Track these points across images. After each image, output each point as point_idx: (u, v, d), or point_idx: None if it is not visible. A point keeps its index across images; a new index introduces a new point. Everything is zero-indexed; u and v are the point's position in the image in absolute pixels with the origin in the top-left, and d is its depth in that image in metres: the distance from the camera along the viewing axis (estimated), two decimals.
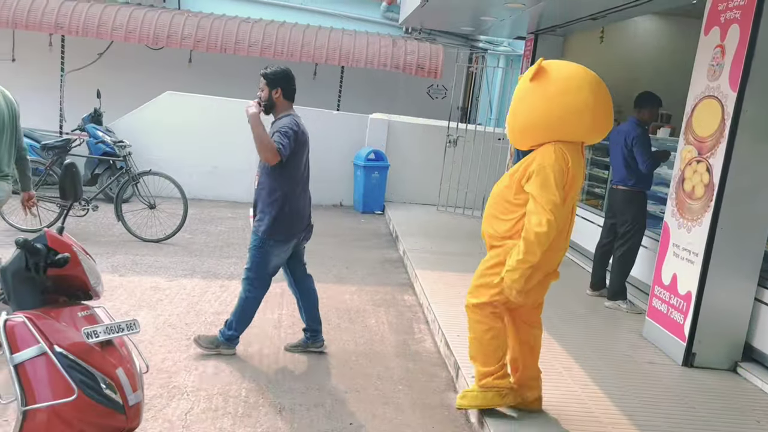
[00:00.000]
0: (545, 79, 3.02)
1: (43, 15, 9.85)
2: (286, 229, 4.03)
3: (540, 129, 3.03)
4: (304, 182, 4.15)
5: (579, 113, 2.94)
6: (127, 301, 5.01)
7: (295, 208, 4.04)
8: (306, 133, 4.11)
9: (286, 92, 4.08)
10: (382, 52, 10.68)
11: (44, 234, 2.11)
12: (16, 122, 4.12)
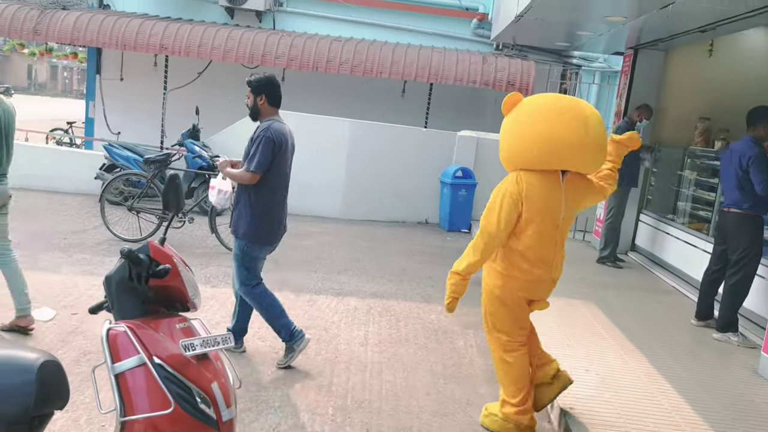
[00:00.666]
0: (512, 112, 3.21)
1: (149, 37, 10.40)
2: (267, 234, 4.09)
3: (505, 159, 3.25)
4: (283, 188, 4.16)
5: (531, 143, 3.05)
6: (218, 312, 5.09)
7: (274, 213, 4.08)
8: (284, 137, 4.05)
9: (270, 99, 4.09)
10: (471, 69, 10.55)
11: (147, 244, 2.13)
12: (11, 126, 4.26)
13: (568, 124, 3.02)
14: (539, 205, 3.10)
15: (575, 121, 3.03)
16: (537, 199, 3.10)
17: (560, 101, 3.17)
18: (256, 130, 4.03)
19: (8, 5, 10.71)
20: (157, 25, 10.56)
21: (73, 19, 10.45)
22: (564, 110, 3.06)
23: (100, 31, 10.39)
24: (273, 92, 4.08)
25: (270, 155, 3.94)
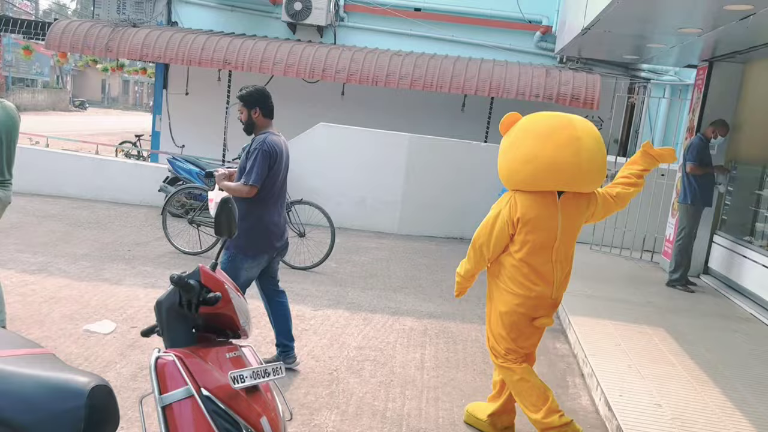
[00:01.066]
0: (506, 131, 3.27)
1: (214, 53, 10.62)
2: (256, 245, 4.01)
3: (502, 179, 3.28)
4: (274, 199, 4.09)
5: (522, 163, 3.07)
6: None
7: (267, 225, 4.03)
8: (279, 148, 4.02)
9: (264, 111, 4.05)
10: (534, 83, 10.30)
11: (198, 270, 2.07)
12: (14, 134, 4.26)
13: (558, 145, 3.01)
14: (534, 226, 3.12)
15: (567, 141, 3.01)
16: (532, 220, 3.12)
17: (552, 120, 3.13)
18: (252, 143, 4.01)
19: (82, 23, 11.17)
20: (222, 41, 10.78)
21: (142, 36, 10.79)
22: (554, 130, 3.05)
23: (167, 47, 10.70)
24: (266, 104, 4.05)
25: (266, 168, 3.93)
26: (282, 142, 4.10)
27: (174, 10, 12.07)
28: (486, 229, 3.24)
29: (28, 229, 7.46)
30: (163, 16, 12.01)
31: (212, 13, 12.04)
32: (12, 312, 4.79)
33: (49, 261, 6.23)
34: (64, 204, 9.05)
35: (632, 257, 8.67)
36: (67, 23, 11.20)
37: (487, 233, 3.23)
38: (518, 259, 3.23)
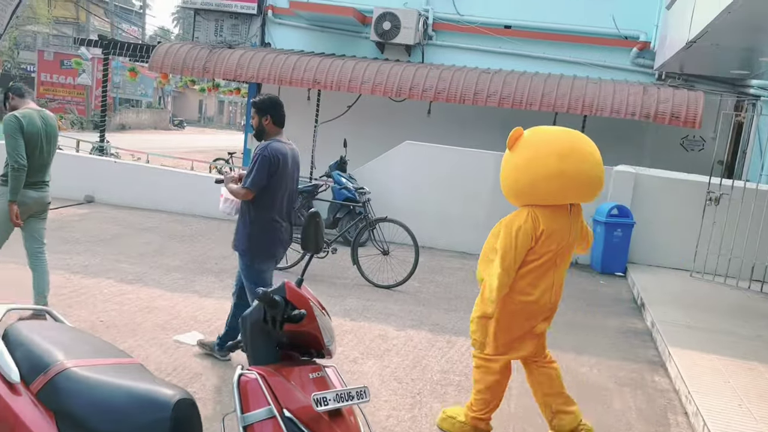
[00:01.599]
0: (518, 147, 3.25)
1: (304, 72, 10.86)
2: (269, 248, 4.13)
3: (514, 194, 3.32)
4: (279, 204, 4.14)
5: (547, 179, 3.12)
6: (356, 347, 4.98)
7: (276, 229, 4.10)
8: (282, 155, 4.07)
9: (275, 119, 4.16)
10: (630, 101, 9.85)
11: (284, 285, 2.02)
12: (53, 141, 4.65)
13: (580, 160, 3.17)
14: (554, 237, 3.24)
15: (585, 156, 3.20)
16: (553, 233, 3.23)
17: (566, 135, 3.28)
18: (256, 149, 4.10)
19: (182, 45, 11.73)
20: (312, 61, 11.01)
21: (237, 57, 11.20)
22: (573, 146, 3.21)
23: (260, 67, 11.04)
24: (277, 112, 4.16)
25: (265, 174, 3.98)
26: (288, 149, 4.16)
27: (267, 31, 12.47)
28: (510, 247, 3.24)
29: (128, 240, 7.82)
30: (257, 38, 12.44)
31: (303, 34, 12.35)
32: (109, 319, 4.98)
33: (144, 271, 6.47)
34: (161, 217, 9.44)
35: (738, 286, 8.03)
36: (169, 46, 11.80)
37: (513, 250, 3.24)
38: (529, 270, 3.32)
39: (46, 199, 4.72)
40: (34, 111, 4.60)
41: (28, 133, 4.46)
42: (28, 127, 4.45)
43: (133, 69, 25.80)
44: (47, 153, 4.65)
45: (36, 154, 4.54)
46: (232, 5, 12.24)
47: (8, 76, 35.48)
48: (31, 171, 4.52)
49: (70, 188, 10.07)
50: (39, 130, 4.53)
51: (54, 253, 6.72)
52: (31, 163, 4.50)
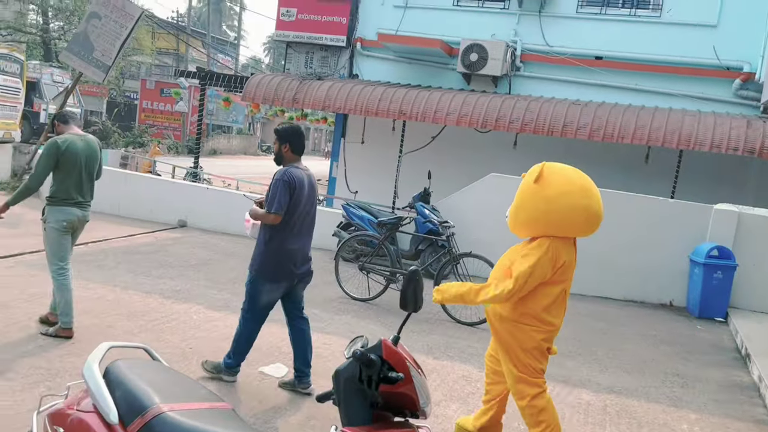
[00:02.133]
0: (546, 181, 3.39)
1: (390, 103, 10.97)
2: (275, 270, 4.27)
3: (541, 224, 3.42)
4: (298, 228, 4.31)
5: (576, 212, 3.35)
6: (438, 388, 4.87)
7: (285, 252, 4.25)
8: (300, 180, 4.26)
9: (294, 147, 4.34)
10: (732, 135, 9.31)
11: (380, 343, 1.97)
12: (93, 163, 4.98)
13: (595, 196, 3.45)
14: (570, 267, 3.46)
15: (597, 194, 3.48)
16: (570, 263, 3.45)
17: (582, 174, 3.52)
18: (275, 175, 4.29)
19: (273, 77, 12.14)
20: (398, 93, 11.11)
21: (326, 89, 11.46)
22: (588, 182, 3.48)
23: (347, 99, 11.25)
24: (297, 141, 4.35)
25: (288, 197, 4.19)
26: (305, 175, 4.34)
27: (356, 63, 12.72)
28: (528, 274, 3.37)
29: (216, 266, 8.06)
30: (345, 69, 12.70)
31: (390, 66, 12.50)
32: (197, 347, 5.10)
33: (230, 298, 6.62)
34: (248, 243, 9.69)
35: None
36: (261, 77, 12.24)
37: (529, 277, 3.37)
38: (551, 301, 3.47)
39: (87, 218, 5.09)
40: (77, 136, 4.99)
41: (67, 156, 4.83)
42: (67, 151, 4.82)
43: (228, 99, 27.00)
44: (87, 174, 4.99)
45: (74, 175, 4.88)
46: (322, 38, 12.58)
47: (114, 104, 37.99)
48: (72, 190, 4.89)
49: (165, 212, 10.55)
50: (79, 153, 4.89)
51: (150, 277, 7.02)
52: (70, 182, 4.87)
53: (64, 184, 4.86)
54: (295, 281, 4.41)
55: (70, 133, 5.00)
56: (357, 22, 12.62)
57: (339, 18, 12.49)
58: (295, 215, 4.28)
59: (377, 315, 6.79)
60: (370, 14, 12.55)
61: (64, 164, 4.82)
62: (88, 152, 4.98)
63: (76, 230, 5.09)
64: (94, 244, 8.42)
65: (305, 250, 4.43)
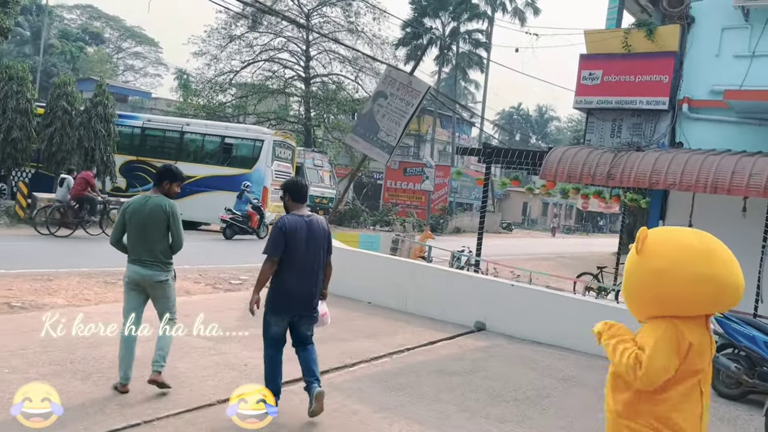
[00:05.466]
0: (653, 250, 2.72)
1: (749, 176, 8.32)
2: (278, 304, 4.78)
3: (655, 303, 2.73)
4: (298, 269, 4.71)
5: (698, 284, 2.62)
6: None
7: (287, 289, 4.73)
8: (294, 226, 4.70)
9: (293, 197, 4.90)
10: None
11: None
12: (157, 224, 4.98)
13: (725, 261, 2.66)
14: (704, 354, 2.70)
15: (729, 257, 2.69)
16: (699, 345, 2.66)
17: (703, 237, 2.73)
18: None
19: (578, 150, 10.24)
20: (761, 162, 8.42)
21: (651, 161, 9.21)
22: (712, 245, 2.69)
23: (684, 172, 8.85)
24: (293, 192, 4.91)
25: (281, 241, 4.66)
26: (303, 221, 4.78)
27: (679, 129, 10.29)
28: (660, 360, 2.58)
29: (562, 401, 6.04)
30: (666, 138, 10.33)
31: (729, 129, 9.88)
32: None
33: None
34: (576, 360, 7.57)
35: None
36: (564, 151, 10.41)
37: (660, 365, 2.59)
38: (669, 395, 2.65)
39: (151, 278, 5.00)
40: (143, 198, 5.12)
41: (128, 214, 5.03)
42: (128, 210, 5.05)
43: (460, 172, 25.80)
44: (144, 234, 4.98)
45: (133, 234, 5.01)
46: (636, 101, 10.42)
47: (360, 184, 39.53)
48: (129, 248, 5.06)
49: (460, 312, 8.94)
50: (141, 213, 4.99)
51: (489, 420, 5.18)
52: (131, 241, 5.03)
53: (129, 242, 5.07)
54: (296, 317, 4.83)
55: (142, 194, 5.27)
56: (681, 81, 10.26)
57: (659, 77, 10.25)
58: (295, 257, 4.71)
59: None
60: (699, 69, 10.12)
61: (126, 223, 5.04)
62: (144, 214, 4.99)
63: (147, 290, 5.06)
64: (397, 357, 6.98)
65: (308, 290, 4.80)
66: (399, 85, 11.21)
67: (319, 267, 4.85)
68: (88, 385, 5.01)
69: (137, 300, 5.04)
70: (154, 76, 61.21)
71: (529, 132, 66.46)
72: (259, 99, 35.45)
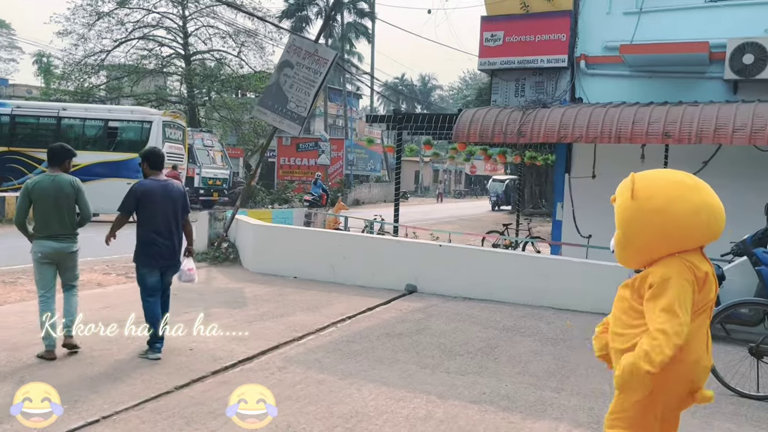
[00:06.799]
0: (646, 192, 2.74)
1: (648, 125, 8.90)
2: (146, 259, 5.48)
3: (663, 243, 2.71)
4: (156, 227, 5.44)
5: (697, 214, 2.69)
6: None
7: (150, 245, 5.44)
8: (149, 188, 5.45)
9: (149, 164, 5.59)
10: None
11: None
12: (68, 200, 5.38)
13: (709, 189, 2.76)
14: (712, 281, 2.71)
15: (707, 186, 2.78)
16: (711, 280, 2.70)
17: (681, 173, 2.82)
18: None
19: (488, 110, 10.46)
20: (657, 111, 9.04)
21: (558, 116, 9.60)
22: (694, 180, 2.78)
23: (589, 125, 9.30)
24: (149, 159, 5.59)
25: (132, 201, 5.45)
26: (160, 185, 5.50)
27: (578, 85, 10.81)
28: (682, 307, 2.55)
29: (509, 350, 6.23)
30: (567, 94, 10.82)
31: (625, 83, 10.49)
32: None
33: (582, 406, 4.72)
34: (511, 312, 7.84)
35: None
36: (474, 112, 10.59)
37: (684, 312, 2.55)
38: (696, 329, 2.69)
39: (65, 250, 5.40)
40: (47, 176, 5.43)
41: (35, 194, 5.32)
42: (35, 190, 5.31)
43: (371, 140, 25.87)
44: (58, 210, 5.34)
45: (44, 211, 5.32)
46: (537, 60, 10.81)
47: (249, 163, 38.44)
48: (39, 226, 5.35)
49: (389, 276, 9.00)
50: (50, 191, 5.32)
51: (451, 374, 5.26)
52: (43, 218, 5.33)
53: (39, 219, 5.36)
54: (163, 268, 5.55)
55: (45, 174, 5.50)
56: (577, 39, 10.76)
57: (557, 35, 10.68)
58: (152, 217, 5.42)
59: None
60: (593, 27, 10.65)
61: (33, 202, 5.32)
62: (53, 191, 5.31)
63: (56, 261, 5.40)
64: (342, 325, 6.91)
65: (169, 244, 5.50)
66: (305, 54, 10.93)
67: (177, 225, 5.57)
68: None
69: (50, 272, 5.40)
70: (8, 61, 55.87)
71: (414, 102, 67.50)
72: (136, 80, 33.40)
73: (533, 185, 30.04)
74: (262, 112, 11.15)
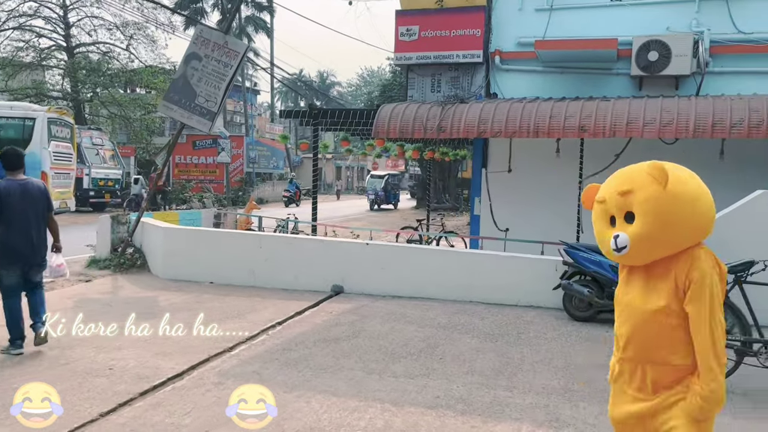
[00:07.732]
0: (678, 180, 2.56)
1: (565, 119, 9.11)
2: (6, 259, 5.45)
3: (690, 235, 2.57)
4: (19, 226, 5.45)
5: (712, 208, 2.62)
6: None
7: (11, 244, 5.44)
8: (9, 190, 5.43)
9: (6, 165, 5.60)
10: None
11: None
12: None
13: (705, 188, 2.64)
14: None
15: None
16: None
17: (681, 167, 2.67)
18: None
19: (407, 105, 10.33)
20: (572, 106, 9.27)
21: (477, 112, 9.63)
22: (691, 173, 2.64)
23: (508, 119, 9.39)
24: (7, 159, 5.59)
25: None
26: (18, 184, 5.50)
27: (493, 80, 10.92)
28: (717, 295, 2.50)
29: (451, 348, 6.09)
30: (482, 89, 10.90)
31: (537, 79, 10.70)
32: None
33: (538, 403, 4.66)
34: (445, 309, 7.72)
35: None
36: (393, 108, 10.40)
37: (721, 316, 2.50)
38: None
39: None
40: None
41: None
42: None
43: (286, 136, 25.12)
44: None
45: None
46: (453, 55, 10.82)
47: (144, 162, 36.39)
48: None
49: (314, 277, 8.66)
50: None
51: (399, 378, 5.05)
52: None
53: None
54: (26, 268, 5.55)
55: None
56: (491, 34, 10.86)
57: (472, 31, 10.73)
58: (13, 216, 5.40)
59: None
60: (506, 23, 10.78)
61: None
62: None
63: None
64: (274, 332, 6.51)
65: (31, 243, 5.51)
66: (213, 46, 10.31)
67: (38, 224, 5.59)
68: None
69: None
70: None
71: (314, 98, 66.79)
72: (11, 74, 30.61)
73: (437, 180, 30.47)
74: (169, 107, 10.40)
